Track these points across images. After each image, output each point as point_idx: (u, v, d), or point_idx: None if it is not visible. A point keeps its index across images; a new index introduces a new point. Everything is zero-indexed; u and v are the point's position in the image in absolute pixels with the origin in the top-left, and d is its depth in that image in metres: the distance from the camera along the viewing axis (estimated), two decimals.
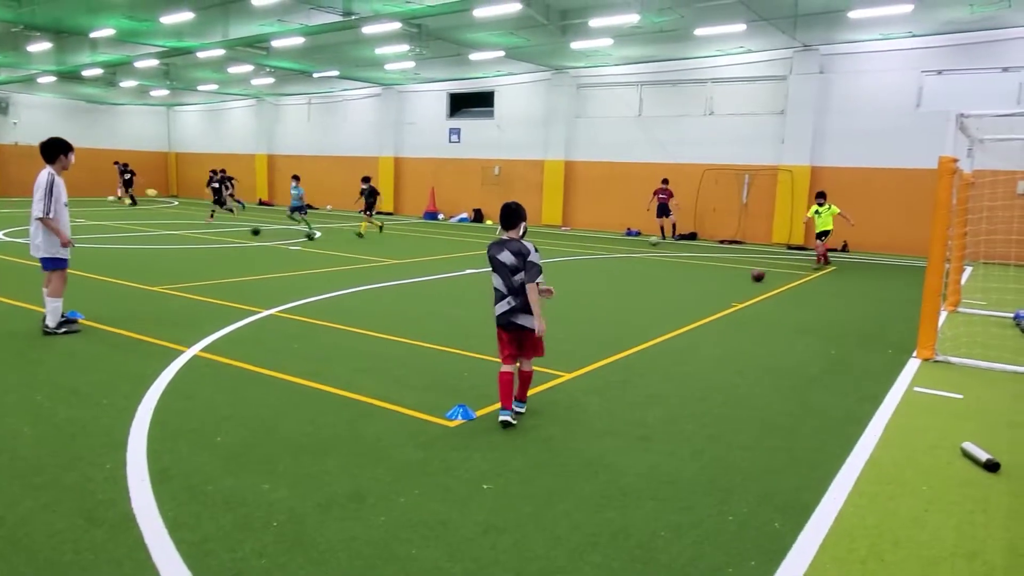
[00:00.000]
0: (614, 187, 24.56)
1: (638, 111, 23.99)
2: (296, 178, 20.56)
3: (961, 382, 6.79)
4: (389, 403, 5.52)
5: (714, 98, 22.50)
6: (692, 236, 22.56)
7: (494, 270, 5.16)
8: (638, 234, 23.47)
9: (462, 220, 27.59)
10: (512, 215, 5.12)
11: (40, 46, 22.12)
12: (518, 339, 5.17)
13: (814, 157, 20.62)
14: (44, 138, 7.47)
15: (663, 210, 21.85)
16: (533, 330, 5.07)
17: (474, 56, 22.01)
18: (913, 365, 7.36)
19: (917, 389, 6.52)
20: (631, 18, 16.72)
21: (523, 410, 5.34)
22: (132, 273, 11.48)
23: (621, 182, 24.36)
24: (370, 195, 19.80)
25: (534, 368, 5.43)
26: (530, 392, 5.82)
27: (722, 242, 21.75)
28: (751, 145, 21.75)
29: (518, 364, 5.28)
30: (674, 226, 22.18)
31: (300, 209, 19.54)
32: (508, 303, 5.08)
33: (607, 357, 7.23)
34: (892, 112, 19.43)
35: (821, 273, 15.10)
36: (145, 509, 3.70)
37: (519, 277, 5.03)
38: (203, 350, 6.89)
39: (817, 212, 15.73)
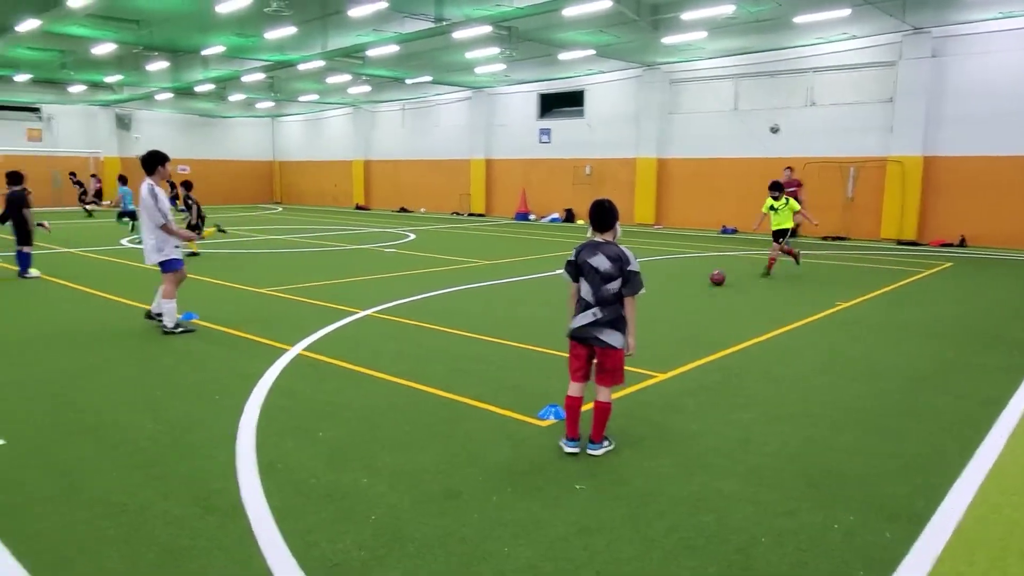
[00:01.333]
0: (709, 183, 23.93)
1: (734, 105, 23.29)
2: (122, 179, 19.63)
3: None
4: (482, 402, 5.58)
5: (815, 88, 21.55)
6: (793, 233, 21.65)
7: (582, 276, 4.58)
8: (734, 232, 22.77)
9: (553, 220, 27.60)
10: (606, 215, 4.56)
11: (158, 65, 23.75)
12: (594, 357, 4.60)
13: (927, 146, 19.38)
14: (162, 151, 8.01)
15: None
16: (615, 348, 4.50)
17: (564, 56, 21.97)
18: None
19: None
20: (726, 9, 16.25)
21: (599, 453, 4.53)
22: (240, 276, 12.12)
23: (716, 178, 23.71)
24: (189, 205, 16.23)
25: (612, 400, 4.62)
26: (623, 393, 5.76)
27: (825, 238, 20.80)
28: (857, 136, 20.69)
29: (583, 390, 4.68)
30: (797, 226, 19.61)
31: (130, 214, 18.72)
32: (593, 315, 4.50)
33: (702, 358, 7.05)
34: (1015, 95, 17.99)
35: (934, 271, 14.18)
36: (253, 499, 3.89)
37: (611, 286, 4.47)
38: (305, 349, 7.19)
39: (773, 208, 12.83)
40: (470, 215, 30.65)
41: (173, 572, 3.19)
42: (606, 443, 4.64)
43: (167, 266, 7.90)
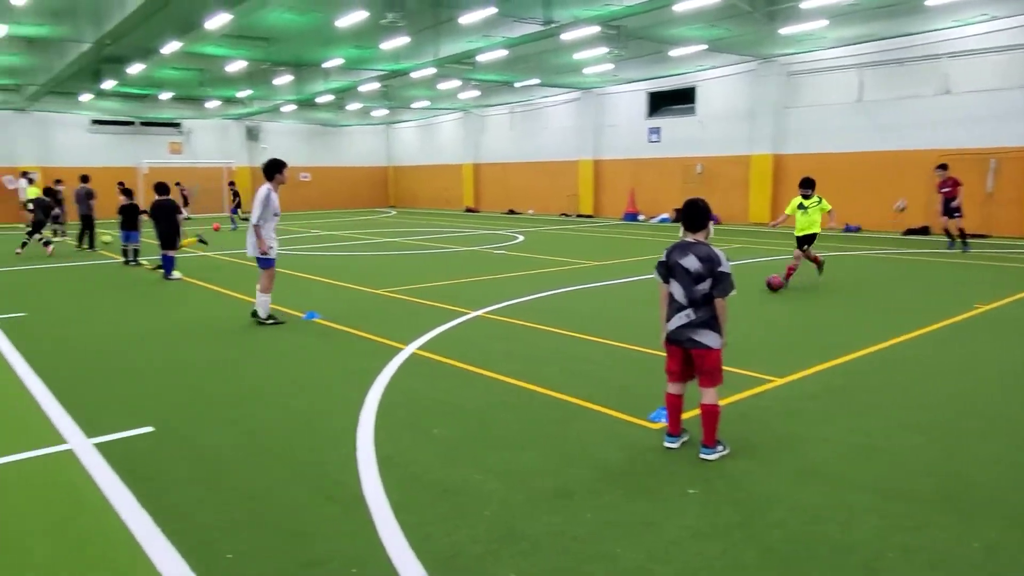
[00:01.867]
0: (830, 180, 22.62)
1: (858, 96, 22.03)
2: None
3: None
4: (592, 403, 5.58)
5: (950, 75, 20.03)
6: (924, 231, 20.27)
7: (673, 277, 4.57)
8: (858, 230, 21.55)
9: (663, 221, 27.10)
10: (699, 214, 4.54)
11: (283, 79, 25.21)
12: (690, 358, 4.57)
13: None
14: (287, 160, 8.66)
15: (951, 207, 15.83)
16: (711, 348, 4.47)
17: (674, 52, 21.53)
18: None
19: None
20: None
21: (712, 458, 4.44)
22: (357, 277, 12.67)
23: (838, 174, 22.47)
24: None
25: (719, 402, 4.55)
26: (738, 396, 5.60)
27: (962, 237, 19.29)
28: (997, 125, 19.05)
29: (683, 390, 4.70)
30: (962, 230, 16.02)
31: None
32: (686, 316, 4.49)
33: (824, 362, 6.72)
34: None
35: None
36: (372, 492, 4.07)
37: (702, 287, 4.44)
38: (419, 348, 7.43)
39: (802, 207, 11.21)
40: (578, 216, 30.60)
41: (301, 555, 3.40)
42: (720, 447, 4.53)
43: (263, 263, 8.70)
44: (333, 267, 14.34)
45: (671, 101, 27.71)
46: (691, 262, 4.48)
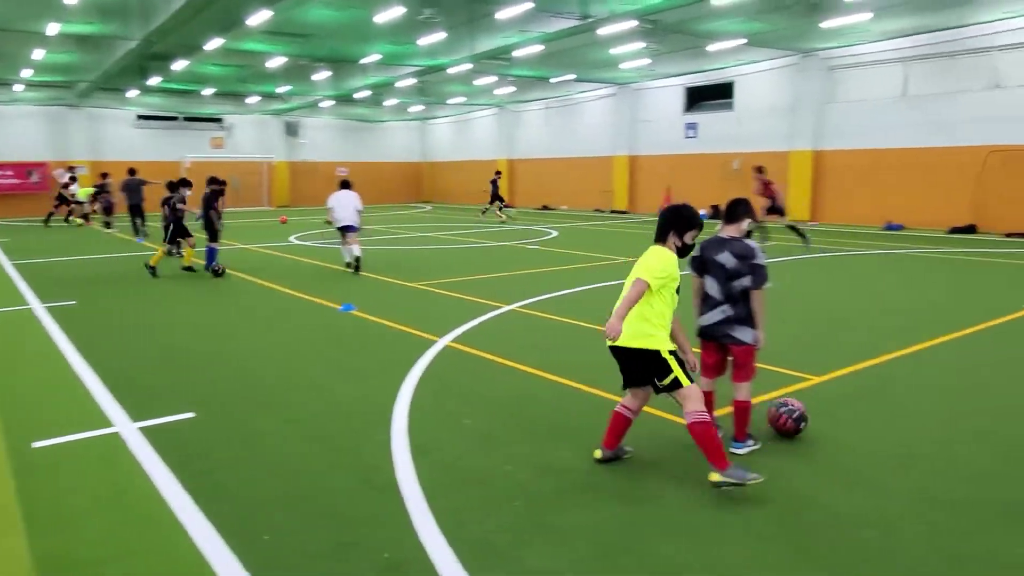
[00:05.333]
0: (871, 177, 22.27)
1: (902, 91, 21.52)
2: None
3: None
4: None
5: (1000, 68, 19.44)
6: (971, 229, 19.73)
7: (707, 273, 4.57)
8: (900, 228, 21.06)
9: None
10: (739, 207, 4.56)
11: (322, 75, 25.53)
12: (726, 353, 4.60)
13: None
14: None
15: (776, 207, 16.06)
16: (748, 344, 4.46)
17: (712, 47, 21.28)
18: None
19: None
20: None
21: (743, 452, 4.44)
22: (393, 271, 12.79)
23: (880, 171, 22.02)
24: None
25: (751, 400, 4.55)
26: (773, 394, 5.55)
27: (1009, 235, 18.75)
28: None
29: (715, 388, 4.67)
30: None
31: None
32: (722, 312, 4.48)
33: (860, 362, 6.61)
34: None
35: None
36: (406, 478, 4.13)
37: (740, 283, 4.42)
38: (453, 341, 7.49)
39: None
40: (612, 212, 30.46)
41: (335, 537, 3.47)
42: (750, 442, 4.53)
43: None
44: (369, 260, 14.48)
45: (709, 96, 27.39)
46: (726, 258, 4.47)
